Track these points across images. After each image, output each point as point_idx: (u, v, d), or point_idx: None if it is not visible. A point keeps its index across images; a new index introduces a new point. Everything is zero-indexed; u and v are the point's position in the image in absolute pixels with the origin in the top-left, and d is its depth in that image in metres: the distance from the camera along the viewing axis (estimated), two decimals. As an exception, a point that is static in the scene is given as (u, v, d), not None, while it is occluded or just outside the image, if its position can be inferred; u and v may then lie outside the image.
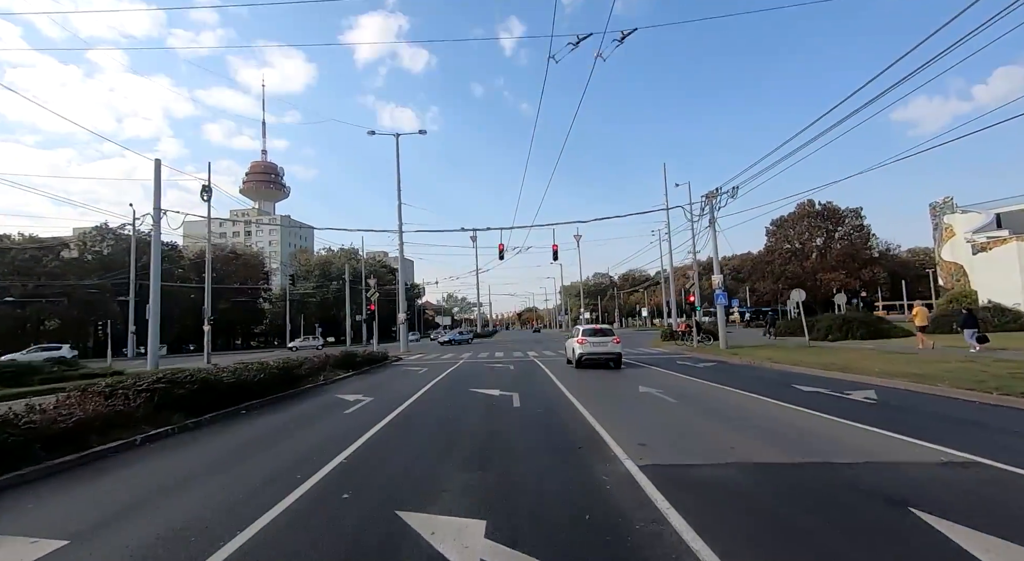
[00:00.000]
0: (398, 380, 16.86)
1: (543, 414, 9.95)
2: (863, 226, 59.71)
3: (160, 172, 25.67)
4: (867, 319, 27.57)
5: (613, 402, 11.28)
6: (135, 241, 53.36)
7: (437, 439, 7.90)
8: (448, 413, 10.37)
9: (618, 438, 7.28)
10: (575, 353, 18.69)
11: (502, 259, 35.61)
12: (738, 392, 12.01)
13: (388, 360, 25.61)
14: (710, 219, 25.72)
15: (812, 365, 16.17)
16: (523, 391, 13.09)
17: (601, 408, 10.23)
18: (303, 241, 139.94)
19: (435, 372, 19.49)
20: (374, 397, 12.83)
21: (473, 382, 15.26)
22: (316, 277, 79.66)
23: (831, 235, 59.85)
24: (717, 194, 23.93)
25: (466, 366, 22.10)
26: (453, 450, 7.07)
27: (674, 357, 23.59)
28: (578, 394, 12.38)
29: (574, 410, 10.20)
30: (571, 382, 14.97)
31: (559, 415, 9.79)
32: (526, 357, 26.68)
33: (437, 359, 27.83)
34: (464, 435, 8.11)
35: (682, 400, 11.02)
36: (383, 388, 14.86)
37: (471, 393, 12.93)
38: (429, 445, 7.50)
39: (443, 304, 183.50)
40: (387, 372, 20.45)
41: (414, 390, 13.66)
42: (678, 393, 12.21)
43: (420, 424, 9.32)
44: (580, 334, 18.84)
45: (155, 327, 25.16)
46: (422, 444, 7.58)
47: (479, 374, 18.00)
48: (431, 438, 7.99)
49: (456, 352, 34.12)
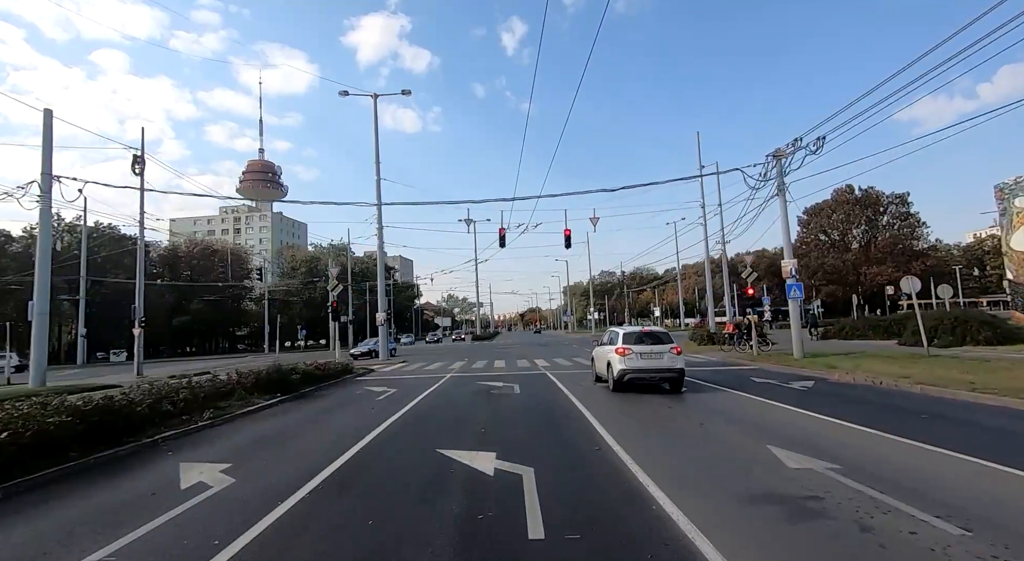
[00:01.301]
0: (327, 422, 10.32)
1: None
2: (909, 214, 53.04)
3: (51, 125, 19.38)
4: (986, 318, 21.12)
5: (750, 499, 4.87)
6: (86, 232, 47.16)
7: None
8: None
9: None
10: (613, 369, 12.37)
11: (503, 246, 29.35)
12: (976, 462, 5.68)
13: (351, 374, 19.26)
14: (777, 185, 19.35)
15: (1006, 391, 9.82)
16: (544, 460, 6.67)
17: (745, 527, 3.91)
18: (296, 239, 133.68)
19: (402, 397, 13.15)
20: (229, 483, 6.35)
21: (451, 430, 8.84)
22: (302, 275, 73.28)
23: (873, 224, 53.22)
24: (798, 144, 17.52)
25: (452, 385, 15.75)
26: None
27: (739, 370, 17.24)
28: (658, 467, 5.99)
29: (683, 540, 3.82)
30: (623, 425, 8.59)
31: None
32: (534, 368, 20.36)
33: (419, 371, 21.51)
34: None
35: (886, 487, 4.63)
36: (272, 449, 8.24)
37: (439, 469, 6.49)
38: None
39: (443, 305, 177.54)
40: (331, 398, 14.08)
41: (329, 457, 7.14)
42: (853, 463, 5.87)
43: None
44: (620, 341, 12.49)
45: (41, 332, 18.89)
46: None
47: (465, 405, 11.63)
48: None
49: (448, 359, 27.78)
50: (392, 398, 13.02)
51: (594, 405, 10.76)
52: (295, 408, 12.07)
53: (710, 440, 7.60)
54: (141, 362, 26.09)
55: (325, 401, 13.13)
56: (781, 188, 19.31)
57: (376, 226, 28.28)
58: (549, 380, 15.95)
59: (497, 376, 17.74)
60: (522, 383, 15.13)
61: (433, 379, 17.47)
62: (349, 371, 19.32)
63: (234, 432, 9.30)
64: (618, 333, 13.03)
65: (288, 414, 11.25)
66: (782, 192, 19.35)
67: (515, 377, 17.08)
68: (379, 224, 28.16)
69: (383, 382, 17.23)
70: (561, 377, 16.74)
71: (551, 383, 15.17)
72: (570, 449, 7.19)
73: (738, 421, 8.78)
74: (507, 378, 16.75)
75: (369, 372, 21.15)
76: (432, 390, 14.37)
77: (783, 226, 19.71)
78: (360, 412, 10.95)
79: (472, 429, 8.54)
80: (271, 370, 13.56)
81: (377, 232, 28.24)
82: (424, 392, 13.87)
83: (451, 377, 18.04)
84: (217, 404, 10.96)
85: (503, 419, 9.47)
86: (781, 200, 19.45)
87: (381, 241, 27.92)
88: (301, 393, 14.10)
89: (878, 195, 52.99)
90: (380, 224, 27.64)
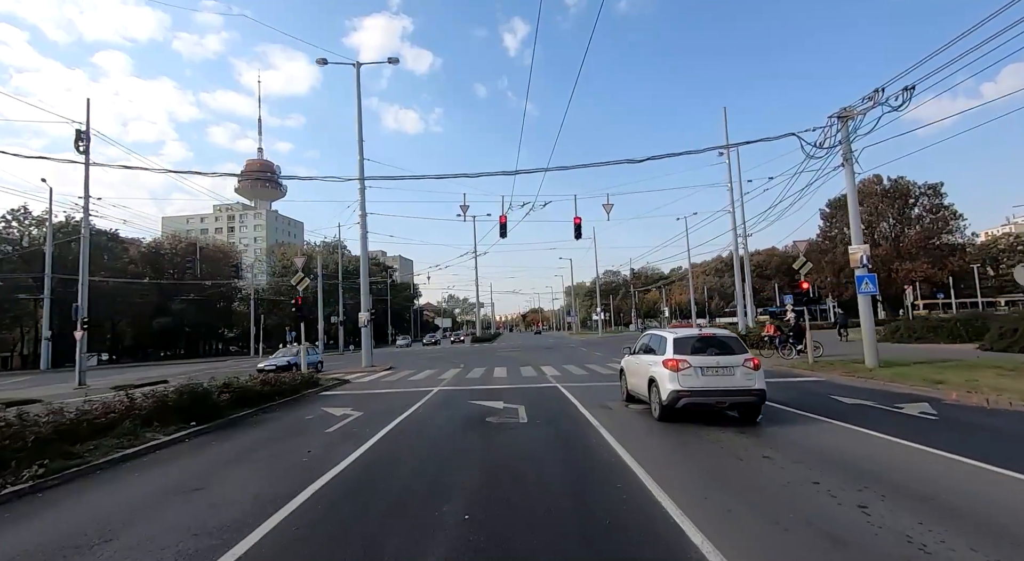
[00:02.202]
0: (222, 482, 6.54)
1: None
2: (943, 206, 49.06)
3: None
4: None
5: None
6: (51, 229, 43.49)
7: None
8: None
9: None
10: (661, 389, 8.65)
11: (504, 236, 25.67)
12: None
13: (315, 387, 15.56)
14: (843, 153, 15.62)
15: None
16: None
17: None
18: (292, 238, 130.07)
19: (363, 429, 9.44)
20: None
21: (412, 516, 5.09)
22: (293, 273, 69.44)
23: (904, 217, 49.23)
24: (879, 95, 13.74)
25: (437, 406, 12.03)
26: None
27: (801, 383, 13.54)
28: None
29: None
30: (710, 501, 4.76)
31: None
32: (541, 378, 16.68)
33: (403, 382, 17.82)
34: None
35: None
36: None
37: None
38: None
39: (444, 306, 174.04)
40: (267, 427, 10.33)
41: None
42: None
43: None
44: (670, 349, 8.76)
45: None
46: None
47: (446, 451, 7.85)
48: None
49: (441, 366, 24.06)
50: (348, 430, 9.30)
51: (640, 447, 7.05)
52: (200, 449, 8.34)
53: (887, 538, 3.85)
54: (84, 370, 22.49)
55: (254, 434, 9.41)
56: (848, 156, 15.57)
57: (359, 213, 24.63)
58: (563, 398, 12.25)
59: (497, 390, 14.03)
60: (529, 403, 11.41)
61: (416, 395, 13.76)
62: (313, 384, 15.61)
63: (46, 508, 5.58)
64: (664, 338, 9.29)
65: (176, 462, 7.51)
66: (849, 161, 15.63)
67: (519, 393, 13.37)
68: (362, 208, 24.48)
69: (351, 400, 13.51)
70: (577, 392, 13.03)
71: (567, 403, 11.47)
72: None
73: (903, 491, 5.04)
74: (509, 395, 13.03)
75: (341, 384, 17.44)
76: (408, 416, 10.64)
77: (851, 203, 15.97)
78: (288, 460, 7.24)
79: (449, 514, 4.81)
80: (183, 390, 9.84)
81: (360, 219, 24.56)
82: (396, 419, 10.14)
83: (439, 392, 14.33)
84: (72, 447, 7.26)
85: (503, 483, 5.76)
86: (848, 171, 15.72)
87: (364, 224, 24.18)
88: (230, 419, 10.39)
89: (908, 186, 49.13)
90: (363, 200, 23.97)
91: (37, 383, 28.24)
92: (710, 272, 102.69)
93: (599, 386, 14.25)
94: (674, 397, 8.40)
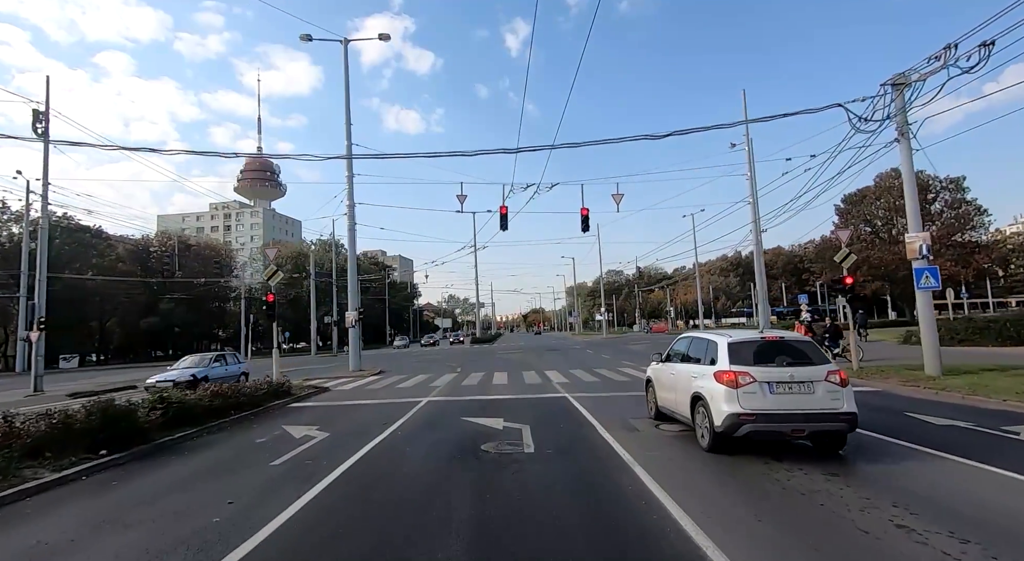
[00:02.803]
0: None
1: None
2: (965, 200, 46.70)
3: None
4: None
5: None
6: (27, 223, 41.35)
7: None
8: None
9: None
10: (712, 411, 6.47)
11: (505, 228, 23.50)
12: None
13: (286, 397, 13.38)
14: (898, 125, 13.44)
15: None
16: None
17: None
18: (289, 237, 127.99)
19: (323, 460, 7.28)
20: None
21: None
22: (288, 272, 67.19)
23: (923, 213, 46.79)
24: (949, 53, 11.55)
25: (421, 426, 9.86)
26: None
27: (872, 398, 11.33)
28: None
29: None
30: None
31: None
32: (547, 386, 14.50)
33: (389, 390, 15.66)
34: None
35: None
36: None
37: None
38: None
39: (444, 306, 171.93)
40: (204, 455, 8.14)
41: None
42: None
43: None
44: (725, 356, 6.59)
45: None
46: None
47: (421, 504, 5.71)
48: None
49: (436, 370, 21.90)
50: (300, 462, 7.14)
51: (698, 500, 4.89)
52: (92, 494, 6.16)
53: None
54: (40, 375, 20.28)
55: (176, 469, 7.23)
56: (904, 130, 13.40)
57: (347, 202, 22.47)
58: (576, 414, 10.09)
59: (496, 403, 11.88)
60: (536, 421, 9.25)
61: (400, 408, 11.60)
62: (282, 393, 13.41)
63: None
64: (714, 343, 7.10)
65: (43, 519, 5.34)
66: (905, 135, 13.45)
67: (523, 406, 11.21)
68: (350, 197, 22.32)
69: (321, 415, 11.35)
70: (591, 404, 10.88)
71: (581, 421, 9.30)
72: None
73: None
74: (511, 409, 10.87)
75: (318, 393, 15.27)
76: (383, 440, 8.48)
77: (907, 183, 13.80)
78: (192, 522, 5.06)
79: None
80: (94, 409, 7.68)
81: (348, 210, 22.40)
82: (366, 446, 7.97)
83: (428, 405, 12.17)
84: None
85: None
86: (903, 147, 13.54)
87: (352, 214, 21.96)
88: (158, 444, 8.23)
89: (928, 180, 46.81)
90: (350, 188, 21.80)
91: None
92: (715, 272, 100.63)
93: (616, 398, 12.09)
94: (733, 423, 6.23)
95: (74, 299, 50.54)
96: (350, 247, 22.68)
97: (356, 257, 23.41)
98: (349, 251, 22.99)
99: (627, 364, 21.20)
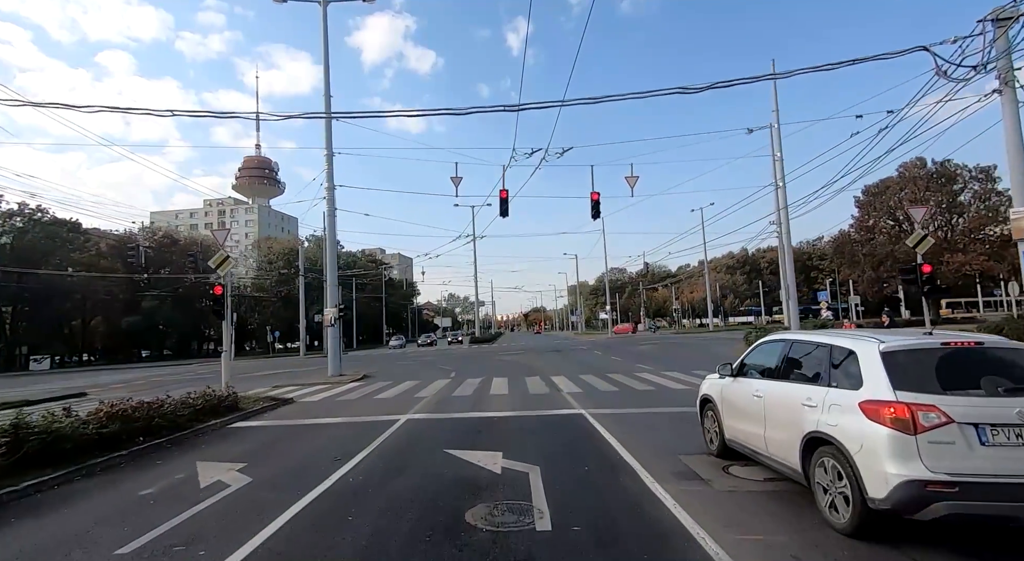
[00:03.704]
0: None
1: None
2: (996, 191, 43.82)
3: None
4: None
5: None
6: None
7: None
8: None
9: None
10: (870, 472, 3.67)
11: (505, 214, 20.81)
12: None
13: (232, 413, 10.60)
14: (1000, 71, 10.67)
15: None
16: None
17: None
18: (285, 234, 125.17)
19: (210, 546, 4.51)
20: None
21: None
22: (278, 269, 64.46)
23: (952, 204, 43.98)
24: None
25: (393, 456, 7.09)
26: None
27: None
28: None
29: None
30: None
31: None
32: (556, 398, 11.68)
33: (365, 403, 12.90)
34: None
35: None
36: None
37: None
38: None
39: (444, 305, 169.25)
40: (9, 534, 5.46)
41: None
42: None
43: None
44: (880, 375, 3.81)
45: None
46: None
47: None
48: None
49: (427, 376, 19.11)
50: (170, 548, 4.40)
51: None
52: None
53: None
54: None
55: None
56: (1009, 78, 10.63)
57: (326, 185, 19.70)
58: (604, 447, 7.30)
59: (493, 424, 9.13)
60: (548, 463, 6.46)
61: (368, 431, 8.84)
62: (224, 410, 10.63)
63: None
64: (851, 350, 4.28)
65: None
66: (1010, 83, 10.69)
67: (529, 432, 8.44)
68: (329, 179, 19.56)
69: (260, 442, 8.58)
70: (619, 428, 8.11)
71: (615, 462, 6.49)
72: None
73: None
74: (513, 437, 8.11)
75: (276, 406, 12.48)
76: (324, 492, 5.69)
77: (1009, 143, 10.99)
78: None
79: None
80: None
81: (327, 192, 19.62)
82: (297, 504, 5.21)
83: (405, 427, 9.39)
84: None
85: None
86: (1007, 98, 10.77)
87: (332, 197, 19.17)
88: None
89: (955, 169, 43.98)
90: (330, 169, 19.05)
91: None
92: (722, 269, 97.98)
93: (646, 417, 9.35)
94: (912, 496, 3.47)
95: (51, 296, 47.87)
96: (329, 230, 19.75)
97: (336, 244, 20.68)
98: (328, 239, 20.18)
99: (643, 368, 18.45)
